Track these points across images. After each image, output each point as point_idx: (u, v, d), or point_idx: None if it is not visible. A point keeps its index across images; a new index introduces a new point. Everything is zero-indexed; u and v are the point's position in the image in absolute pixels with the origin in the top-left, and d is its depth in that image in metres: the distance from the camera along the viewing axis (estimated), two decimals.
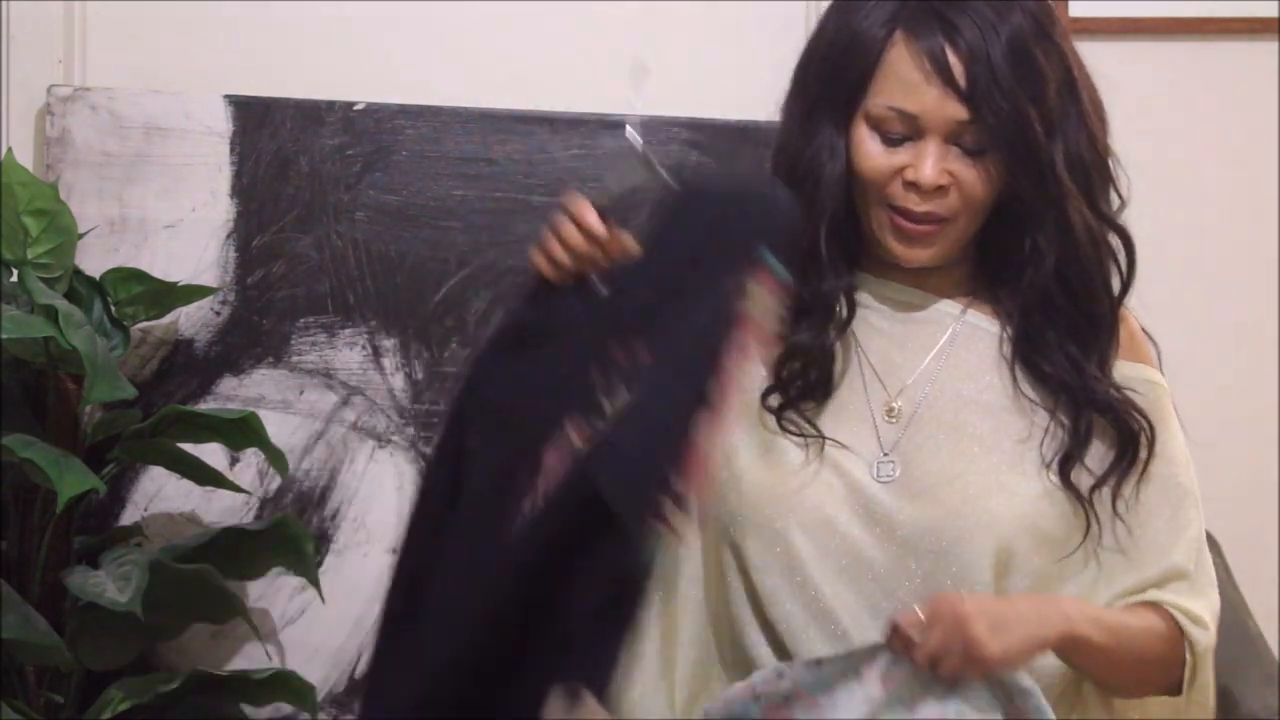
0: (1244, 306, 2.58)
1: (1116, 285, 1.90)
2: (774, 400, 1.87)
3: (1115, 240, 1.90)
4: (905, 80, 1.81)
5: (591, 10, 2.52)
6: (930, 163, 1.81)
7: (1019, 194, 1.83)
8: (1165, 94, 2.56)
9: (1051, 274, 1.85)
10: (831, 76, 1.86)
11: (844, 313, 1.88)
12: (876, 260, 1.91)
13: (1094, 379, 1.86)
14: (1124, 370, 1.89)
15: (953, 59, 1.80)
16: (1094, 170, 1.86)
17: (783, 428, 1.86)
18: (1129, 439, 1.82)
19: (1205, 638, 1.79)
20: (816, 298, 1.87)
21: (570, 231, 1.74)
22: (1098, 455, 1.80)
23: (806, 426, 1.84)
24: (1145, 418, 1.86)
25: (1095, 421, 1.81)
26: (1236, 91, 2.58)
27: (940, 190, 1.82)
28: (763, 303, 1.57)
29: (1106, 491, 1.80)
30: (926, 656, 1.68)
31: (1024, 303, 1.88)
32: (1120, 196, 1.93)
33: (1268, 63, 2.56)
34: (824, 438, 1.81)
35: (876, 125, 1.84)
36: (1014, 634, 1.71)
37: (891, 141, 1.84)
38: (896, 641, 1.67)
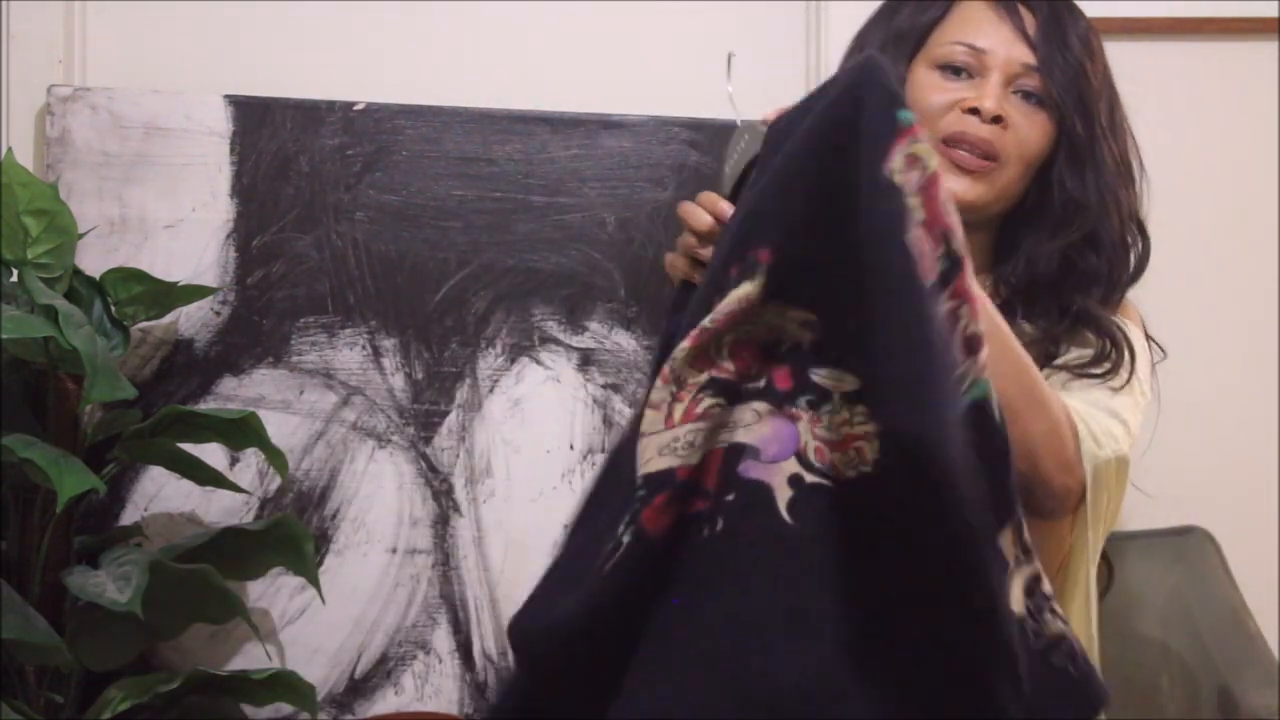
0: (1244, 306, 2.58)
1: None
2: None
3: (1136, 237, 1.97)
4: (977, 20, 1.91)
5: (591, 10, 2.52)
6: (992, 92, 1.87)
7: (1066, 144, 1.89)
8: (1165, 94, 2.56)
9: (1086, 237, 1.89)
10: (901, 24, 1.95)
11: None
12: None
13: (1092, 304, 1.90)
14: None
15: (1025, 13, 1.93)
16: (1126, 164, 1.94)
17: None
18: (1111, 342, 1.89)
19: (1097, 448, 1.79)
20: None
21: (688, 210, 1.76)
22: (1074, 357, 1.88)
23: None
24: (1131, 352, 1.90)
25: (1077, 333, 1.88)
26: (1236, 91, 2.58)
27: (998, 122, 1.87)
28: (930, 151, 1.47)
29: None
30: None
31: (1040, 260, 1.92)
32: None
33: (1268, 63, 2.57)
34: None
35: (938, 63, 1.91)
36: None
37: (951, 78, 1.90)
38: None
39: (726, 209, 1.71)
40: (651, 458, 1.52)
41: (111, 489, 2.33)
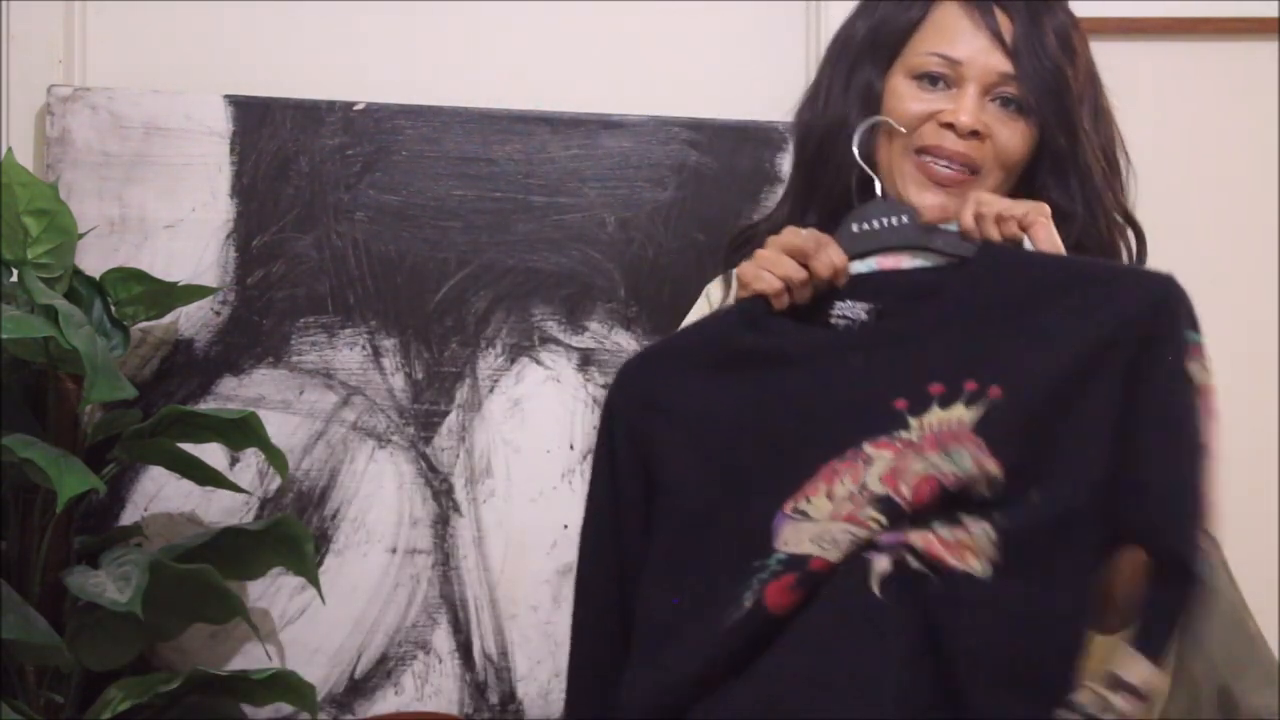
0: (1244, 306, 2.57)
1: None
2: None
3: (1129, 234, 1.95)
4: (952, 29, 1.87)
5: (591, 10, 2.52)
6: (969, 105, 1.85)
7: (1048, 153, 1.87)
8: (1165, 94, 2.56)
9: (1074, 243, 1.88)
10: (874, 39, 1.92)
11: None
12: None
13: None
14: None
15: (1001, 17, 1.88)
16: (1113, 160, 1.92)
17: None
18: None
19: None
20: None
21: (824, 263, 1.73)
22: None
23: None
24: None
25: None
26: (1236, 91, 2.58)
27: (975, 136, 1.85)
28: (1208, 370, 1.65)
29: None
30: (982, 199, 1.74)
31: None
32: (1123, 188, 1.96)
33: (1268, 63, 2.56)
34: None
35: (914, 73, 1.88)
36: (1054, 234, 1.75)
37: (928, 88, 1.87)
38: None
39: (842, 264, 1.75)
40: (800, 540, 1.61)
41: (111, 489, 2.33)
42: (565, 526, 2.41)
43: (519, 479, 2.43)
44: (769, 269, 1.74)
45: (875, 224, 1.76)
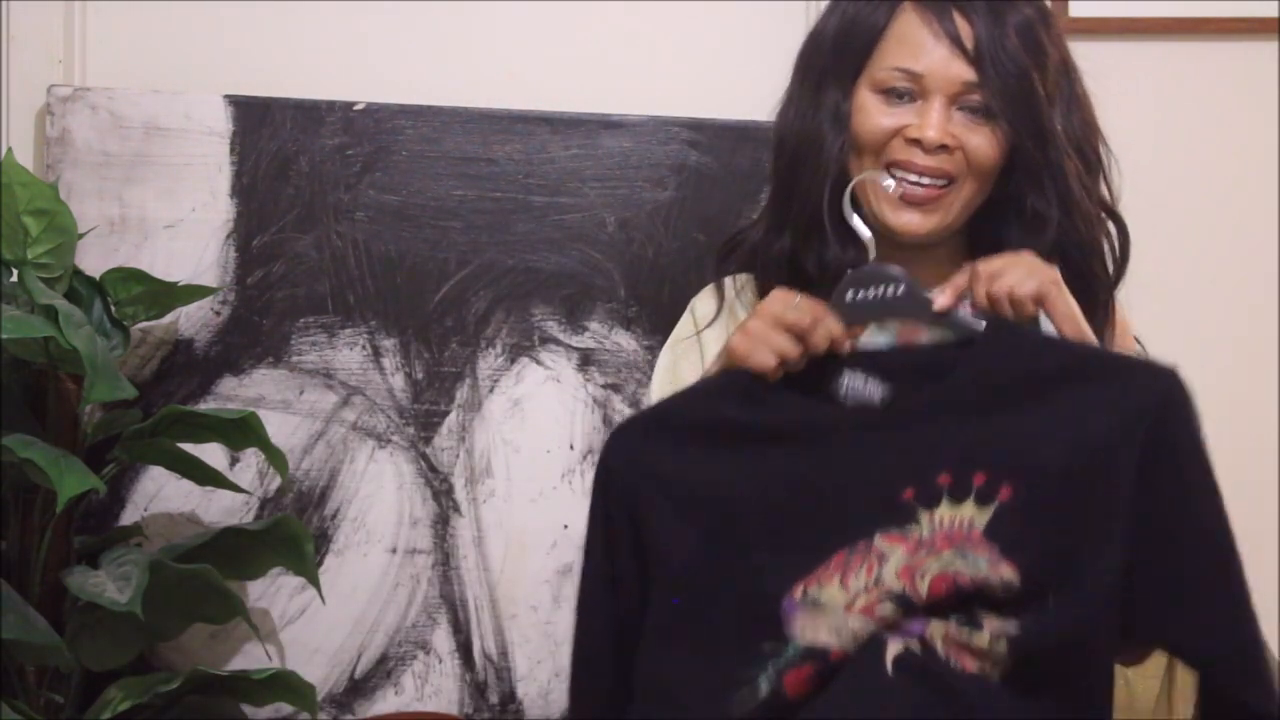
0: (1244, 306, 2.58)
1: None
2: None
3: (1110, 228, 1.92)
4: (913, 41, 1.84)
5: (591, 10, 2.52)
6: (934, 120, 1.83)
7: (1021, 159, 1.85)
8: (1165, 94, 2.56)
9: (1052, 246, 1.86)
10: (839, 46, 1.89)
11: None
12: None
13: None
14: None
15: (961, 23, 1.84)
16: (1089, 152, 1.89)
17: None
18: None
19: None
20: (824, 267, 1.88)
21: (821, 338, 1.71)
22: None
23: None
24: None
25: None
26: (1236, 91, 2.58)
27: (944, 150, 1.83)
28: None
29: None
30: (991, 270, 1.71)
31: None
32: (1110, 189, 1.94)
33: (1268, 63, 2.56)
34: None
35: (879, 88, 1.86)
36: (1069, 299, 1.74)
37: (894, 102, 1.85)
38: (964, 279, 1.72)
39: (841, 337, 1.72)
40: (818, 631, 1.61)
41: (111, 489, 2.33)
42: (565, 526, 2.41)
43: (519, 479, 2.43)
44: (763, 344, 1.70)
45: (872, 293, 1.73)
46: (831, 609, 1.61)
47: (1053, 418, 1.62)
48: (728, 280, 2.02)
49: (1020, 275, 1.71)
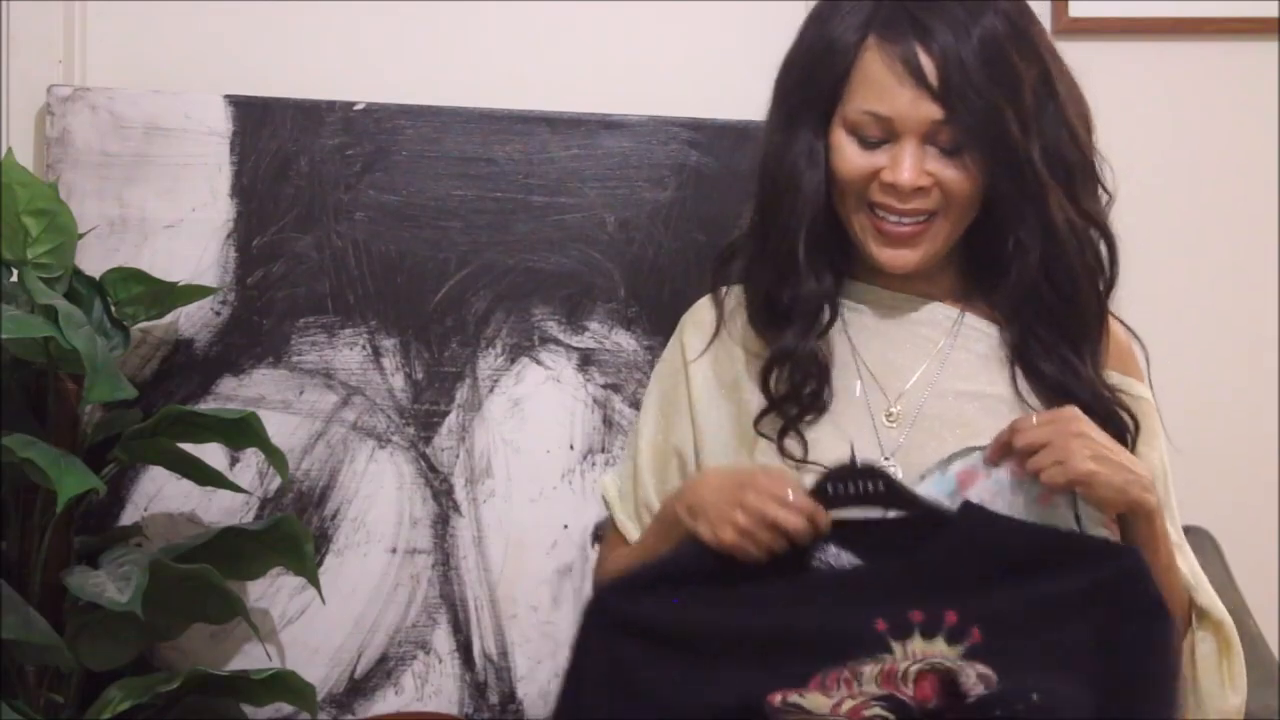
0: (1244, 306, 2.58)
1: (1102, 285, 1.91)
2: (770, 425, 1.88)
3: (1100, 245, 1.91)
4: (879, 83, 1.81)
5: (591, 10, 2.52)
6: (908, 164, 1.81)
7: (999, 191, 1.83)
8: (1165, 94, 2.56)
9: (1037, 271, 1.85)
10: (808, 83, 1.87)
11: (825, 318, 1.89)
12: (868, 267, 1.92)
13: (1086, 379, 1.87)
14: (1112, 380, 1.90)
15: (925, 60, 1.80)
16: (1075, 167, 1.86)
17: (782, 451, 1.87)
18: (1117, 439, 1.83)
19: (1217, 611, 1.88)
20: (796, 303, 1.88)
21: (797, 526, 1.75)
22: None
23: (800, 451, 1.86)
24: (1133, 418, 1.87)
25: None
26: (1236, 91, 2.58)
27: (920, 191, 1.82)
28: None
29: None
30: (1028, 441, 1.74)
31: (1014, 302, 1.89)
32: (1107, 192, 1.93)
33: (1268, 63, 2.56)
34: (823, 468, 1.81)
35: (853, 129, 1.84)
36: (1113, 462, 1.76)
37: (869, 145, 1.84)
38: (1007, 434, 1.77)
39: (822, 520, 1.76)
40: None
41: (111, 489, 2.33)
42: (565, 526, 2.41)
43: (519, 479, 2.43)
44: (750, 540, 1.74)
45: (853, 488, 1.78)
46: (817, 713, 1.64)
47: (1019, 586, 1.70)
48: (724, 291, 2.02)
49: (1052, 458, 1.75)
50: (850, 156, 1.84)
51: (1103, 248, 1.89)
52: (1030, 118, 1.82)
